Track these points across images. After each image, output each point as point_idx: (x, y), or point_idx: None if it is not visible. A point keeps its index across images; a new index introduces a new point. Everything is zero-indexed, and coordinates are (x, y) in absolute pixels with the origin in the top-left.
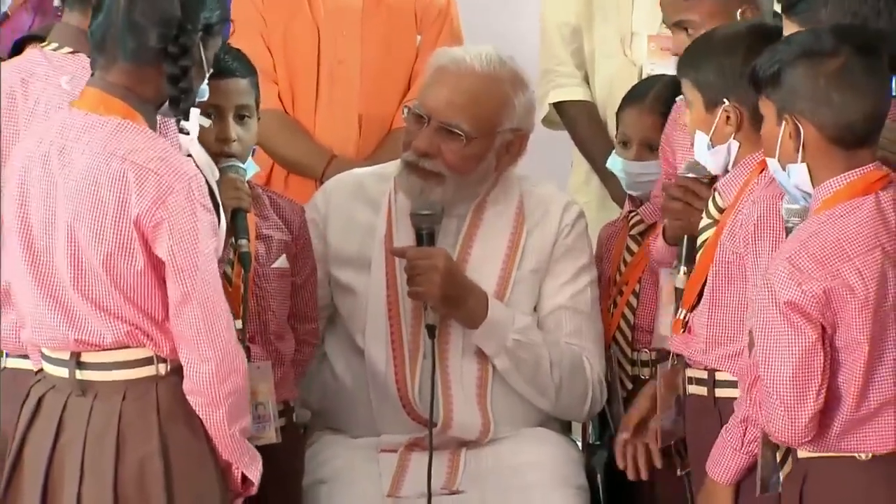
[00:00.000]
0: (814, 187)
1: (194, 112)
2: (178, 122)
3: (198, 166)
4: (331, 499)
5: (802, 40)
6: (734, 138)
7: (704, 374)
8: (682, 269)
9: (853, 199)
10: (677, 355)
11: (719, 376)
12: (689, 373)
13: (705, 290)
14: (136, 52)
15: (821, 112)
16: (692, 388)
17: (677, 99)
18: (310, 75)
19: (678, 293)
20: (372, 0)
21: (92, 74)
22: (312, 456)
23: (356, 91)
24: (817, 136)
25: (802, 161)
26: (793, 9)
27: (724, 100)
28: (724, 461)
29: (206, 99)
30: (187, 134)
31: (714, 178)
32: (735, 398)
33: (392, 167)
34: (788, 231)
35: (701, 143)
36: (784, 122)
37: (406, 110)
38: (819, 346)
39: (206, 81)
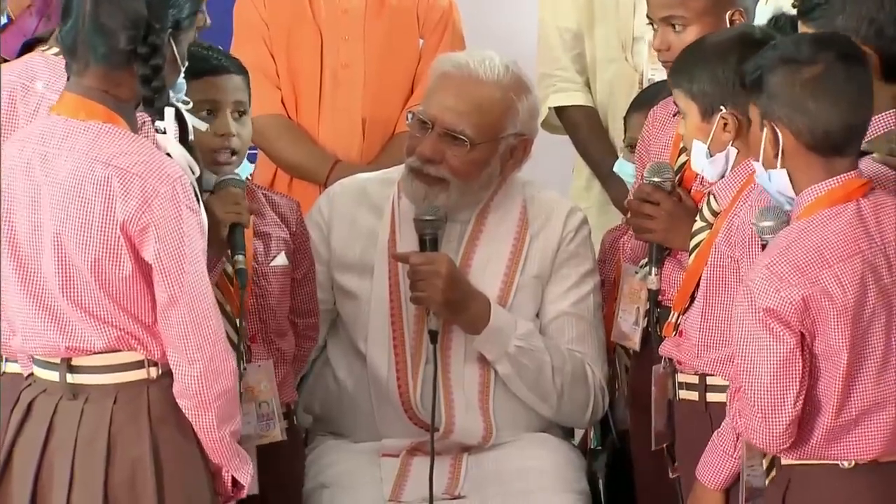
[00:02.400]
0: (796, 194)
1: (169, 111)
2: (153, 121)
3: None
4: (332, 503)
5: (783, 47)
6: (732, 145)
7: (695, 380)
8: (654, 270)
9: (834, 207)
10: (668, 359)
11: (710, 381)
12: (680, 378)
13: (698, 293)
14: (107, 56)
15: (797, 119)
16: (683, 394)
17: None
18: (313, 80)
19: (651, 294)
20: (374, 4)
21: (68, 79)
22: (314, 461)
23: (359, 95)
24: (794, 142)
25: (782, 167)
26: (808, 14)
27: (721, 107)
28: (715, 466)
29: (183, 93)
30: (164, 133)
31: (675, 185)
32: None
33: (396, 172)
34: (765, 246)
35: (699, 152)
36: (765, 128)
37: (410, 116)
38: (798, 353)
39: (181, 76)
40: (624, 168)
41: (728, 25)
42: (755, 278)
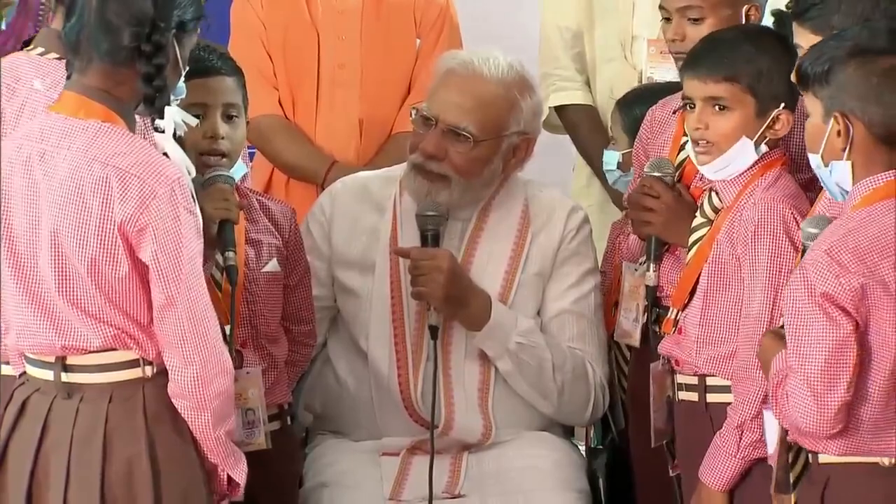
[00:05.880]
0: (852, 185)
1: (169, 111)
2: (153, 120)
3: None
4: (332, 502)
5: (855, 38)
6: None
7: (695, 380)
8: (651, 266)
9: (891, 199)
10: (666, 357)
11: (710, 381)
12: (680, 379)
13: (698, 290)
14: (111, 52)
15: (871, 110)
16: (683, 394)
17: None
18: (310, 80)
19: (648, 290)
20: (371, 3)
21: (68, 77)
22: (314, 459)
23: (356, 95)
24: (865, 134)
25: (848, 159)
26: (804, 14)
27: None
28: (718, 467)
29: (183, 96)
30: (162, 132)
31: (675, 180)
32: (727, 403)
33: (397, 170)
34: (805, 251)
35: (747, 149)
36: (832, 120)
37: (414, 112)
38: (853, 339)
39: (182, 79)
40: (609, 157)
41: (744, 19)
42: (814, 262)
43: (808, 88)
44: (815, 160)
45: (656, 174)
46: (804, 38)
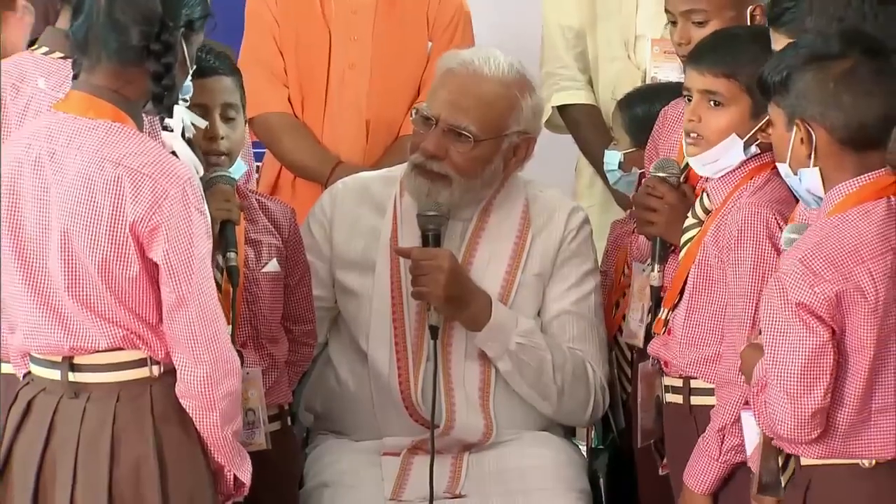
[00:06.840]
0: (825, 191)
1: (177, 110)
2: (161, 119)
3: None
4: (333, 502)
5: (810, 45)
6: (757, 145)
7: (680, 383)
8: (656, 267)
9: (864, 204)
10: (656, 358)
11: (694, 384)
12: (666, 381)
13: (685, 291)
14: (119, 52)
15: (832, 115)
16: (669, 397)
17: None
18: (320, 79)
19: (653, 291)
20: (385, 4)
21: (75, 77)
22: (315, 459)
23: (365, 96)
24: (829, 139)
25: (814, 165)
26: (779, 20)
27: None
28: (701, 471)
29: (190, 95)
30: (171, 131)
31: (680, 181)
32: (711, 406)
33: (398, 170)
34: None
35: (735, 145)
36: (795, 128)
37: (414, 112)
38: (829, 347)
39: (189, 78)
40: (611, 157)
41: (749, 20)
42: (788, 272)
43: (770, 98)
44: (783, 169)
45: (661, 174)
46: (781, 44)
